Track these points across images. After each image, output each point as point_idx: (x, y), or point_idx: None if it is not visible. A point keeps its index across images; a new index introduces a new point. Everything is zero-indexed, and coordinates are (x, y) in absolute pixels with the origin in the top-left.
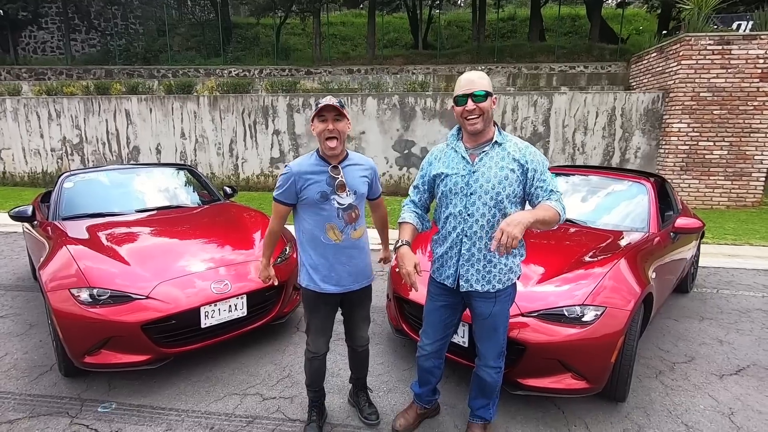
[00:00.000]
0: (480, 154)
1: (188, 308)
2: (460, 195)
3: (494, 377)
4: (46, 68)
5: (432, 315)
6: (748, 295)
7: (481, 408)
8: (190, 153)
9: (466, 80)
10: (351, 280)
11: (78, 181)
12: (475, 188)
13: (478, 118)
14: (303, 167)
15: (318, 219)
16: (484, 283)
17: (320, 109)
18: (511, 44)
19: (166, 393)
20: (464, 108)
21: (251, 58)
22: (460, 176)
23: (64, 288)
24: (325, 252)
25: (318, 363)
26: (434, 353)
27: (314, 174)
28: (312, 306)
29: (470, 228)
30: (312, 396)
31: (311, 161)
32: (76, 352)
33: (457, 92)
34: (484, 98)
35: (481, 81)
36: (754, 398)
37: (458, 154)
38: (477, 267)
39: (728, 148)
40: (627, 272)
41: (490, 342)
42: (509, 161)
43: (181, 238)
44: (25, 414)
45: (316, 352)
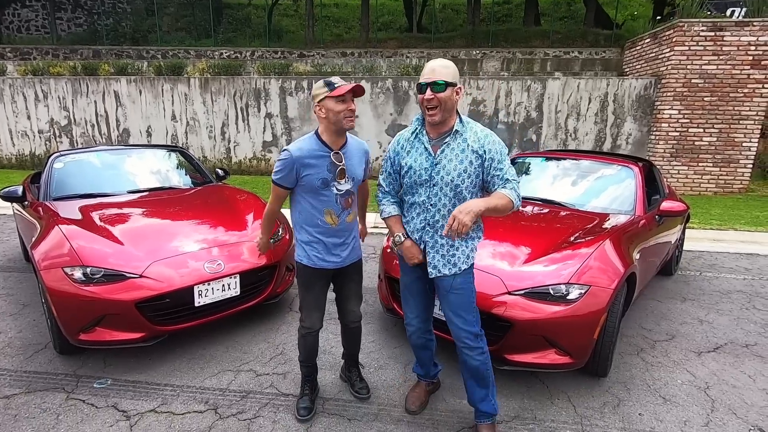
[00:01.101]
0: (441, 146)
1: (182, 287)
2: (423, 186)
3: (479, 359)
4: (32, 48)
5: (410, 287)
6: (729, 278)
7: (482, 401)
8: (181, 136)
9: (428, 68)
10: (344, 257)
11: (68, 161)
12: (437, 180)
13: (436, 109)
14: (303, 152)
15: (317, 203)
16: (450, 267)
17: (344, 93)
18: (505, 28)
19: (161, 369)
20: (423, 96)
21: (243, 39)
22: (424, 168)
23: (57, 267)
24: (320, 232)
25: (312, 339)
26: (422, 326)
27: (315, 159)
28: (307, 282)
29: (432, 217)
30: (305, 371)
31: (311, 146)
32: (71, 330)
33: (420, 80)
34: (443, 88)
35: (444, 70)
36: (729, 373)
37: (422, 145)
38: (441, 252)
39: (717, 135)
40: (611, 253)
41: (458, 319)
42: (468, 153)
43: (174, 219)
44: (21, 390)
45: (310, 328)
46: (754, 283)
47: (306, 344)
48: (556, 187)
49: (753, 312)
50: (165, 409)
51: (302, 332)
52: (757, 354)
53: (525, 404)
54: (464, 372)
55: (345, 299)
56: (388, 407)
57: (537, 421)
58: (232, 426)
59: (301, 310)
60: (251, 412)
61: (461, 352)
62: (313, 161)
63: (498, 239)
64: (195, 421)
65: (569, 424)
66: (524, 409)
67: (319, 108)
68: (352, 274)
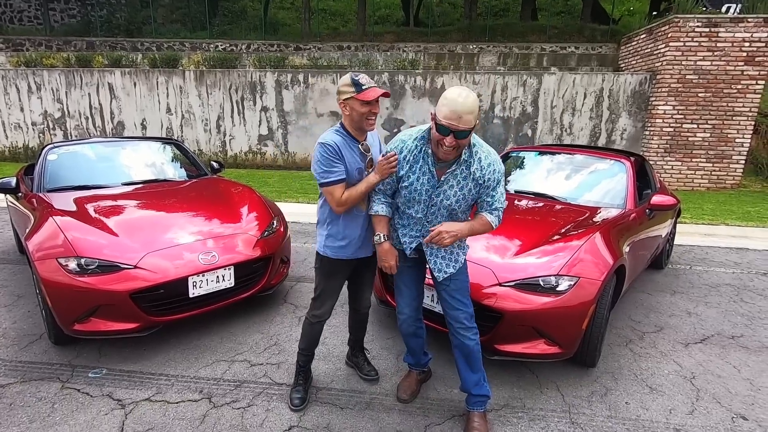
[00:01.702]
0: (446, 173)
1: (176, 278)
2: (422, 204)
3: (474, 339)
4: (24, 39)
5: (403, 276)
6: (719, 272)
7: (476, 385)
8: (176, 129)
9: (452, 110)
10: (368, 246)
11: (62, 153)
12: (436, 201)
13: (453, 150)
14: (338, 142)
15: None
16: (454, 264)
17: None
18: (502, 23)
19: (156, 359)
20: (443, 138)
21: (238, 32)
22: (425, 189)
23: (51, 257)
24: (354, 222)
25: (319, 327)
26: (413, 314)
27: (349, 150)
28: (332, 273)
29: (429, 232)
30: (302, 361)
31: (342, 137)
32: (66, 320)
33: (441, 119)
34: (466, 136)
35: (469, 117)
36: (715, 364)
37: (426, 165)
38: (442, 254)
39: (711, 131)
40: (601, 245)
41: (458, 302)
42: (469, 181)
43: (169, 211)
44: (16, 379)
45: (321, 317)
46: (742, 276)
47: (312, 332)
48: (548, 181)
49: (740, 305)
50: (159, 398)
51: (312, 320)
52: (743, 345)
53: (515, 393)
54: (458, 357)
55: (360, 287)
56: (380, 396)
57: (526, 409)
58: (226, 414)
59: (316, 300)
60: (245, 401)
61: (457, 335)
62: (348, 152)
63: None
64: (189, 409)
65: (557, 412)
66: (514, 398)
67: (344, 106)
68: (370, 263)
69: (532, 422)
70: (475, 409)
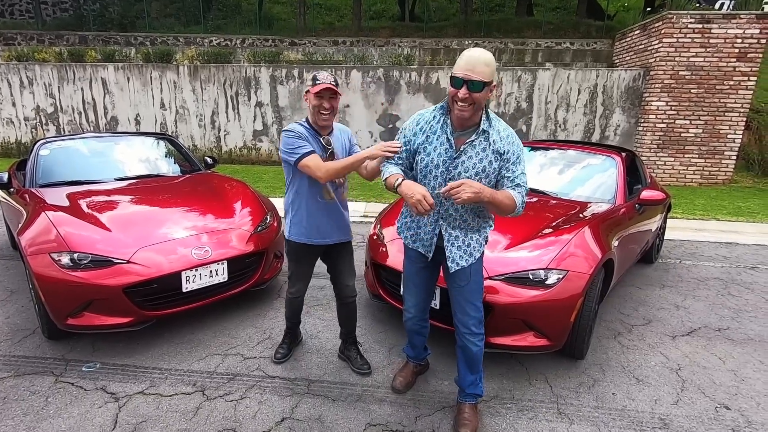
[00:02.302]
0: (465, 145)
1: (169, 272)
2: (439, 177)
3: (479, 345)
4: (16, 33)
5: (414, 277)
6: (708, 266)
7: (471, 385)
8: (170, 124)
9: (468, 62)
10: (336, 234)
11: (54, 148)
12: (455, 174)
13: (469, 107)
14: (302, 131)
15: (313, 181)
16: (467, 258)
17: (320, 91)
18: (498, 18)
19: (149, 353)
20: (457, 92)
21: (233, 27)
22: (443, 159)
23: (44, 252)
24: (318, 209)
25: (297, 302)
26: (419, 314)
27: (312, 139)
28: (299, 256)
29: (446, 210)
30: (288, 325)
31: (305, 129)
32: (59, 315)
33: (455, 72)
34: (480, 88)
35: (485, 69)
36: (701, 356)
37: (444, 135)
38: (458, 245)
39: (703, 127)
40: (590, 239)
41: (470, 307)
42: (489, 152)
43: (162, 206)
44: (10, 373)
45: (297, 294)
46: (731, 270)
47: (292, 306)
48: (540, 176)
49: (728, 298)
50: (153, 391)
51: (289, 296)
52: (729, 338)
53: (504, 385)
54: (461, 357)
55: (338, 274)
56: (371, 388)
57: (515, 400)
58: (219, 407)
59: (290, 279)
60: (238, 393)
61: (463, 339)
62: (312, 141)
63: None
64: (182, 402)
65: (545, 403)
66: (503, 389)
67: (306, 98)
68: (342, 251)
69: (520, 413)
70: (467, 401)
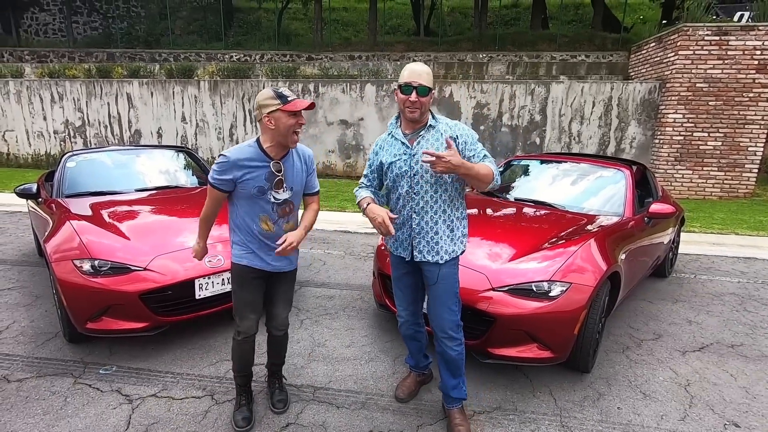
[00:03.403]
0: (417, 138)
1: (183, 280)
2: (405, 177)
3: (457, 350)
4: (48, 50)
5: (400, 282)
6: (724, 281)
7: (454, 389)
8: (190, 137)
9: (411, 71)
10: (277, 263)
11: (80, 160)
12: (416, 169)
13: (417, 110)
14: (242, 156)
15: (252, 210)
16: (434, 254)
17: (297, 108)
18: (512, 32)
19: (162, 358)
20: (408, 98)
21: (252, 42)
22: (403, 160)
23: (67, 259)
24: (255, 236)
25: (247, 346)
26: (411, 318)
27: (253, 166)
28: (241, 281)
29: (417, 204)
30: (240, 381)
31: (251, 153)
32: (79, 319)
33: (402, 81)
34: (426, 93)
35: (426, 76)
36: (712, 372)
37: (398, 141)
38: (426, 239)
39: (722, 139)
40: (595, 252)
41: (443, 309)
42: (443, 141)
43: (179, 216)
44: (32, 374)
45: (246, 332)
46: (748, 286)
47: (242, 351)
48: (548, 188)
49: (743, 314)
50: (165, 394)
51: (237, 338)
52: (742, 354)
53: (507, 396)
54: (441, 362)
55: (273, 304)
56: (375, 396)
57: (517, 412)
58: (227, 410)
59: (236, 314)
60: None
61: (441, 344)
62: (251, 169)
63: (485, 237)
64: (192, 405)
65: (548, 415)
66: (506, 400)
67: (269, 119)
68: (285, 282)
69: (522, 425)
70: (454, 406)
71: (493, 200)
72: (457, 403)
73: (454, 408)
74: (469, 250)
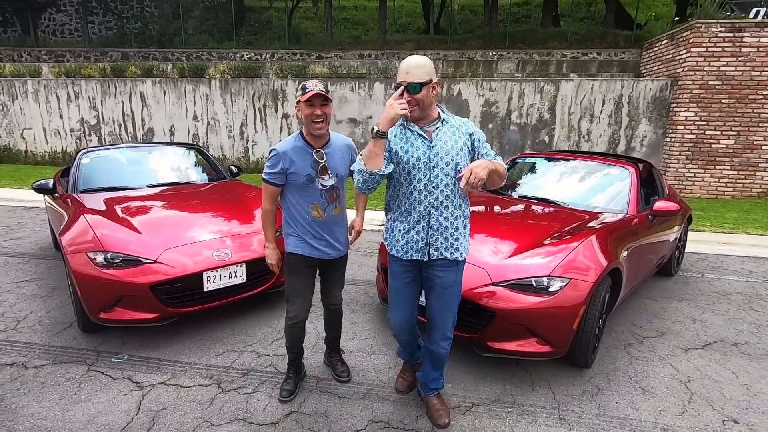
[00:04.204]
0: (435, 131)
1: (192, 272)
2: (423, 170)
3: (447, 349)
4: (65, 50)
5: (401, 291)
6: (732, 280)
7: (434, 380)
8: (202, 135)
9: (403, 68)
10: (330, 250)
11: (94, 157)
12: (437, 161)
13: (415, 107)
14: (288, 147)
15: (303, 199)
16: (453, 251)
17: (310, 97)
18: (523, 30)
19: (172, 348)
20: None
21: (263, 41)
22: (422, 152)
23: (82, 252)
24: (308, 226)
25: (297, 330)
26: (408, 328)
27: (299, 156)
28: (295, 269)
29: (436, 199)
30: (291, 356)
31: (296, 143)
32: (93, 309)
33: (398, 79)
34: (418, 90)
35: (418, 71)
36: (713, 369)
37: (414, 133)
38: (445, 235)
39: (735, 138)
40: (596, 248)
41: (448, 313)
42: (459, 134)
43: (189, 212)
44: (48, 361)
45: (295, 318)
46: (756, 285)
47: (293, 334)
48: (552, 186)
49: (749, 313)
50: (174, 382)
51: (288, 323)
52: (746, 352)
53: (506, 389)
54: (427, 357)
55: (329, 285)
56: (376, 388)
57: (516, 405)
58: (233, 398)
59: (288, 301)
60: (251, 387)
61: (435, 344)
62: (298, 159)
63: (487, 233)
64: (200, 393)
65: (546, 408)
66: (505, 393)
67: (298, 110)
68: (337, 266)
69: (520, 417)
70: (431, 394)
71: (497, 197)
72: (434, 392)
73: (432, 395)
74: (471, 244)
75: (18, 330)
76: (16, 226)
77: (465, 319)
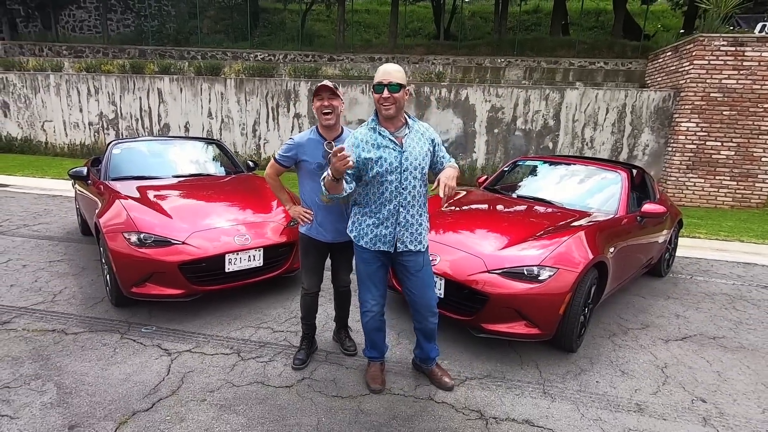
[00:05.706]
0: (404, 137)
1: (215, 254)
2: (394, 173)
3: (436, 322)
4: (84, 46)
5: (373, 276)
6: (719, 282)
7: (432, 351)
8: (216, 132)
9: (383, 71)
10: (337, 234)
11: (124, 148)
12: (406, 165)
13: (392, 105)
14: (303, 139)
15: (314, 185)
16: (416, 243)
17: (318, 89)
18: (531, 38)
19: (195, 322)
20: (381, 96)
21: (277, 42)
22: (393, 157)
23: (118, 232)
24: (318, 210)
25: (310, 300)
26: (380, 310)
27: (312, 147)
28: (306, 249)
29: (404, 199)
30: (305, 328)
31: (311, 136)
32: (126, 284)
33: (376, 81)
34: (398, 89)
35: (397, 74)
36: (690, 358)
37: (385, 138)
38: (411, 231)
39: (735, 149)
40: (584, 242)
41: (428, 289)
42: (424, 140)
43: (212, 200)
44: (85, 329)
45: (309, 289)
46: (741, 288)
47: (306, 304)
48: (549, 187)
49: (730, 311)
50: (198, 350)
51: (302, 293)
52: (722, 345)
53: (497, 367)
54: (421, 335)
55: (337, 267)
56: None
57: (505, 380)
58: (251, 365)
59: (301, 273)
60: (267, 357)
61: (426, 321)
62: (311, 148)
63: (485, 228)
64: (222, 360)
65: (532, 384)
66: (496, 370)
67: (313, 105)
68: (345, 249)
69: (508, 390)
70: (432, 365)
71: (497, 197)
72: (434, 362)
73: (433, 366)
74: (469, 238)
75: (55, 302)
76: (43, 212)
77: (462, 302)
